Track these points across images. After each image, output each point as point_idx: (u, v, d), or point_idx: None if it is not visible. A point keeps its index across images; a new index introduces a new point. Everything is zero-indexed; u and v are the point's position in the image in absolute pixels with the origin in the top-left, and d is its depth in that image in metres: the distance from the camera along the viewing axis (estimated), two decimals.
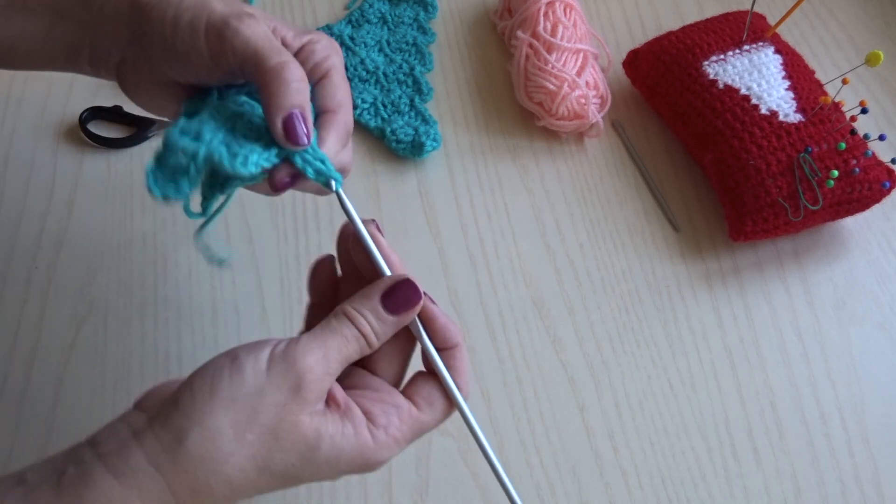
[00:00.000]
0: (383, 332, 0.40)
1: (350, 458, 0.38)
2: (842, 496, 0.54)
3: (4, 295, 0.59)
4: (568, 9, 0.70)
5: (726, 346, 0.60)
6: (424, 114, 0.69)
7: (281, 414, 0.37)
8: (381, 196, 0.66)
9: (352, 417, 0.39)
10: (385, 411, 0.40)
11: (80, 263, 0.61)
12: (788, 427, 0.57)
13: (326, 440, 0.37)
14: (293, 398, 0.37)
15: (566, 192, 0.67)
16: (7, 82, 0.70)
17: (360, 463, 0.39)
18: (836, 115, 0.62)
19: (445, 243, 0.63)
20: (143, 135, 0.67)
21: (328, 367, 0.38)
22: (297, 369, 0.37)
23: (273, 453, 0.37)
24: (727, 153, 0.62)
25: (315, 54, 0.43)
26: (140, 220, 0.63)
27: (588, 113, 0.67)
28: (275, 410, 0.37)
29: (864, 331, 0.61)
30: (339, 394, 0.39)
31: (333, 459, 0.38)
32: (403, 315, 0.40)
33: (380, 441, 0.39)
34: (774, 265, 0.64)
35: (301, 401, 0.37)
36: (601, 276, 0.63)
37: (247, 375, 0.37)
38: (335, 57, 0.43)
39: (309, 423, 0.37)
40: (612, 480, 0.54)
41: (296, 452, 0.37)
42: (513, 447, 0.55)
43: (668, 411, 0.57)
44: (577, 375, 0.58)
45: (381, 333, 0.40)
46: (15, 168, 0.65)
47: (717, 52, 0.66)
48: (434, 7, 0.77)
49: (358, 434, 0.38)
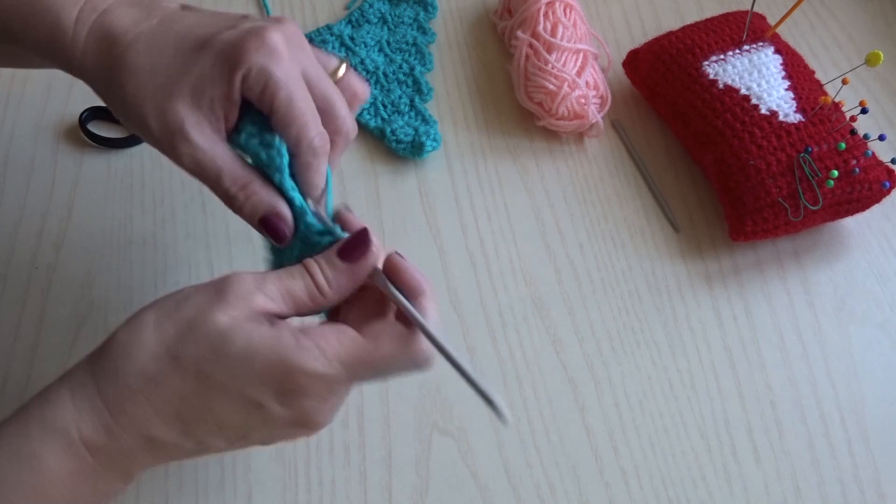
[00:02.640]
0: (335, 278, 0.40)
1: (266, 357, 0.37)
2: (842, 496, 0.54)
3: (4, 295, 0.59)
4: (568, 9, 0.70)
5: (726, 346, 0.60)
6: (424, 114, 0.69)
7: (200, 308, 0.38)
8: (381, 196, 0.66)
9: (279, 325, 0.38)
10: (322, 328, 0.39)
11: (80, 263, 0.61)
12: (788, 427, 0.57)
13: (241, 334, 0.37)
14: (214, 298, 0.38)
15: (566, 192, 0.67)
16: (7, 82, 0.70)
17: (277, 364, 0.37)
18: (836, 115, 0.62)
19: (445, 243, 0.63)
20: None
21: (262, 284, 0.39)
22: (228, 278, 0.39)
23: (185, 342, 0.37)
24: (727, 153, 0.62)
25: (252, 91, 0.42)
26: (140, 220, 0.63)
27: (588, 113, 0.67)
28: (195, 305, 0.38)
29: (864, 331, 0.61)
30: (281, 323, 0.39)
31: (248, 356, 0.37)
32: (356, 263, 0.40)
33: (303, 344, 0.38)
34: (774, 265, 0.64)
35: (221, 301, 0.38)
36: (601, 276, 0.63)
37: (186, 287, 0.39)
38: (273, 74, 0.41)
39: (224, 320, 0.37)
40: (612, 480, 0.54)
41: (207, 343, 0.37)
42: (513, 447, 0.55)
43: (668, 411, 0.57)
44: (577, 375, 0.58)
45: (333, 280, 0.40)
46: (15, 168, 0.65)
47: (717, 52, 0.66)
48: (434, 7, 0.77)
49: (279, 334, 0.38)
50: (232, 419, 0.39)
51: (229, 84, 0.41)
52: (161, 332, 0.38)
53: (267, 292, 0.39)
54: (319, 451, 0.54)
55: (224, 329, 0.37)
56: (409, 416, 0.56)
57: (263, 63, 0.40)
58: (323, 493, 0.53)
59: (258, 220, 0.42)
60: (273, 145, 0.42)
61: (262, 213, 0.42)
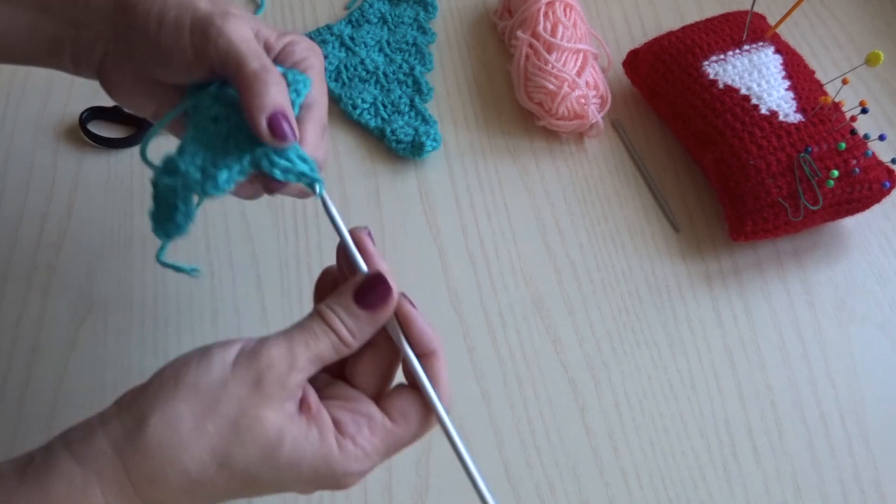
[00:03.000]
0: (358, 329, 0.39)
1: (313, 464, 0.37)
2: (842, 496, 0.54)
3: (4, 295, 0.59)
4: (568, 9, 0.70)
5: (726, 346, 0.60)
6: (424, 114, 0.69)
7: (243, 407, 0.36)
8: (381, 196, 0.66)
9: (319, 423, 0.38)
10: (355, 421, 0.39)
11: (80, 263, 0.61)
12: (788, 427, 0.57)
13: (288, 440, 0.37)
14: (255, 391, 0.36)
15: (566, 192, 0.67)
16: (7, 82, 0.70)
17: (324, 471, 0.38)
18: (836, 115, 0.62)
19: (445, 243, 0.63)
20: (143, 135, 0.67)
21: (294, 361, 0.37)
22: (260, 361, 0.37)
23: (233, 447, 0.36)
24: (727, 153, 0.62)
25: (294, 55, 0.44)
26: (140, 220, 0.63)
27: (588, 113, 0.67)
28: (237, 402, 0.36)
29: (864, 331, 0.61)
30: (312, 400, 0.38)
31: (295, 463, 0.37)
32: (376, 311, 0.39)
33: (346, 450, 0.38)
34: (774, 265, 0.64)
35: (263, 394, 0.36)
36: (601, 276, 0.63)
37: (213, 366, 0.36)
38: (314, 58, 0.44)
39: (272, 420, 0.36)
40: (612, 480, 0.54)
41: (256, 449, 0.36)
42: (513, 447, 0.55)
43: (668, 411, 0.57)
44: (577, 375, 0.58)
45: (356, 331, 0.39)
46: (15, 168, 0.65)
47: (717, 52, 0.66)
48: (434, 7, 0.77)
49: (323, 439, 0.37)
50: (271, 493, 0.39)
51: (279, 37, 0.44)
52: (203, 434, 0.36)
53: (299, 367, 0.37)
54: None
55: (272, 434, 0.36)
56: None
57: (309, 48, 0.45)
58: (323, 492, 0.53)
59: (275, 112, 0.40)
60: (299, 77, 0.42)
61: (283, 104, 0.40)
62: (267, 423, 0.36)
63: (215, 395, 0.36)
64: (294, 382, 0.37)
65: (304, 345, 0.38)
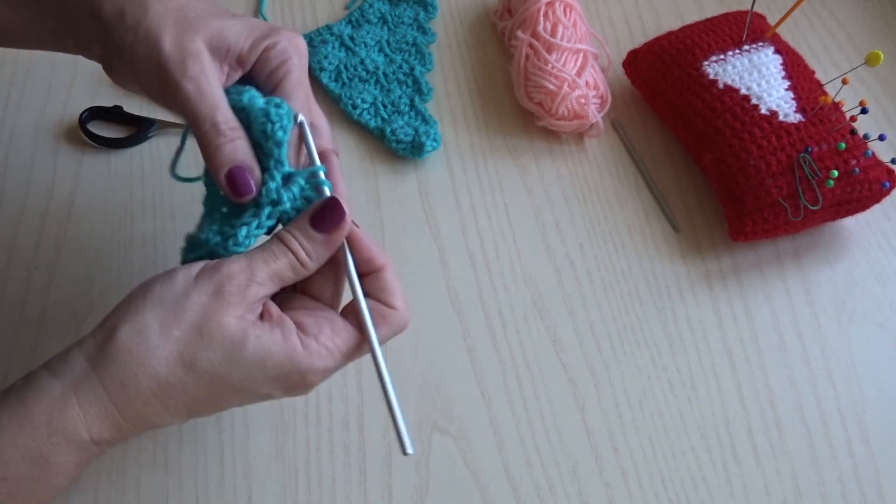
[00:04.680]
0: (314, 250, 0.41)
1: (278, 361, 0.39)
2: (842, 496, 0.54)
3: (4, 295, 0.59)
4: (568, 9, 0.70)
5: (726, 346, 0.60)
6: (424, 114, 0.69)
7: (205, 312, 0.39)
8: (381, 196, 0.66)
9: (282, 325, 0.40)
10: (317, 322, 0.41)
11: (80, 263, 0.61)
12: (788, 427, 0.57)
13: (252, 339, 0.39)
14: (216, 299, 0.39)
15: (566, 192, 0.67)
16: (7, 82, 0.70)
17: (289, 368, 0.40)
18: (836, 115, 0.62)
19: (445, 243, 0.63)
20: (143, 135, 0.67)
21: (252, 274, 0.40)
22: (221, 274, 0.39)
23: (198, 350, 0.38)
24: (727, 153, 0.62)
25: (270, 62, 0.44)
26: (140, 220, 0.63)
27: (588, 113, 0.67)
28: (199, 309, 0.39)
29: (864, 331, 0.61)
30: (273, 309, 0.41)
31: (260, 360, 0.39)
32: (332, 234, 0.41)
33: (309, 347, 0.40)
34: (774, 265, 0.64)
35: (223, 302, 0.39)
36: (601, 276, 0.63)
37: (177, 281, 0.39)
38: (293, 58, 0.44)
39: (234, 324, 0.39)
40: (612, 480, 0.54)
41: (221, 350, 0.39)
42: (513, 447, 0.55)
43: (668, 411, 0.57)
44: (577, 375, 0.58)
45: (313, 252, 0.41)
46: (15, 168, 0.65)
47: (717, 52, 0.66)
48: (434, 7, 0.77)
49: (286, 338, 0.40)
50: (237, 405, 0.42)
51: (252, 47, 0.43)
52: (169, 338, 0.38)
53: (258, 280, 0.40)
54: (319, 451, 0.54)
55: (235, 334, 0.39)
56: (409, 416, 0.56)
57: (289, 47, 0.44)
58: (323, 493, 0.53)
59: (232, 169, 0.42)
60: (281, 104, 0.42)
61: (239, 161, 0.42)
62: (229, 327, 0.39)
63: (179, 305, 0.39)
64: (253, 294, 0.40)
65: (263, 262, 0.40)
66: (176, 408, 0.39)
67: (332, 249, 0.42)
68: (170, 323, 0.38)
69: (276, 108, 0.42)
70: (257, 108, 0.42)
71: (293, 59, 0.44)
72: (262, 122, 0.42)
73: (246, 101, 0.42)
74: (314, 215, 0.41)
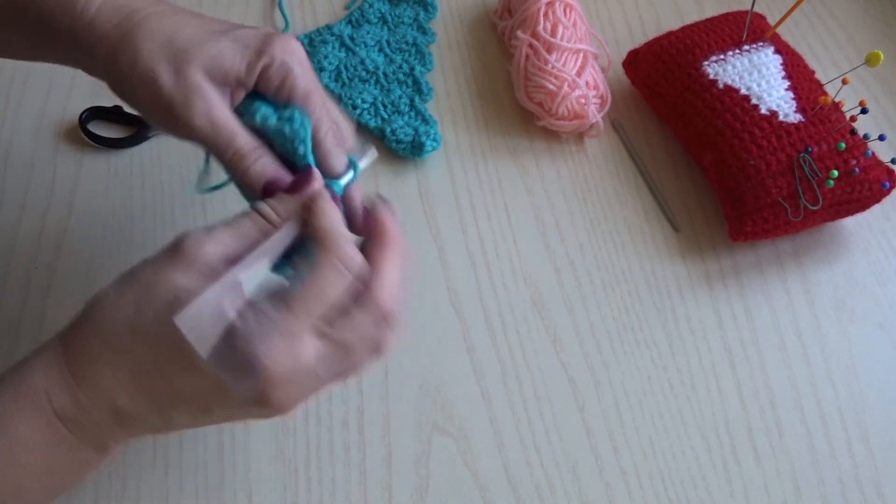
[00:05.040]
0: (282, 207, 0.41)
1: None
2: (842, 496, 0.54)
3: (4, 295, 0.59)
4: (568, 9, 0.70)
5: (726, 346, 0.60)
6: (424, 114, 0.69)
7: (155, 269, 0.38)
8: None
9: None
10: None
11: (80, 263, 0.61)
12: (788, 427, 0.57)
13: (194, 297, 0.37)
14: (169, 259, 0.38)
15: (566, 192, 0.67)
16: (7, 82, 0.70)
17: None
18: (836, 115, 0.62)
19: (445, 243, 0.63)
20: (143, 135, 0.67)
21: (211, 233, 0.39)
22: (179, 237, 0.39)
23: (143, 307, 0.37)
24: (727, 153, 0.62)
25: (271, 81, 0.44)
26: (140, 220, 0.63)
27: (588, 113, 0.67)
28: (151, 269, 0.38)
29: (864, 331, 0.61)
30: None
31: None
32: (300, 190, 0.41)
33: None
34: (774, 265, 0.64)
35: (174, 259, 0.38)
36: (601, 276, 0.63)
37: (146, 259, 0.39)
38: (293, 70, 0.44)
39: (182, 281, 0.37)
40: (612, 480, 0.54)
41: (162, 305, 0.37)
42: (513, 447, 0.55)
43: (668, 411, 0.57)
44: (577, 375, 0.58)
45: (280, 208, 0.41)
46: (15, 168, 0.65)
47: (717, 52, 0.66)
48: (434, 7, 0.77)
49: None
50: (190, 387, 0.39)
51: (249, 69, 0.43)
52: (120, 298, 0.38)
53: (216, 239, 0.39)
54: (319, 451, 0.54)
55: (178, 289, 0.37)
56: (409, 416, 0.56)
57: (286, 59, 0.43)
58: (323, 493, 0.53)
59: (265, 183, 0.43)
60: (294, 118, 0.43)
61: (269, 175, 0.43)
62: (173, 281, 0.37)
63: (137, 268, 0.39)
64: (210, 252, 0.38)
65: (226, 224, 0.40)
66: (124, 374, 0.38)
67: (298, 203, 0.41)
68: (124, 286, 0.38)
69: (289, 125, 0.43)
70: (273, 131, 0.43)
71: (294, 71, 0.43)
72: (281, 143, 0.43)
73: (260, 123, 0.43)
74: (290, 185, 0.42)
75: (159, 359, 0.38)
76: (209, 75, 0.42)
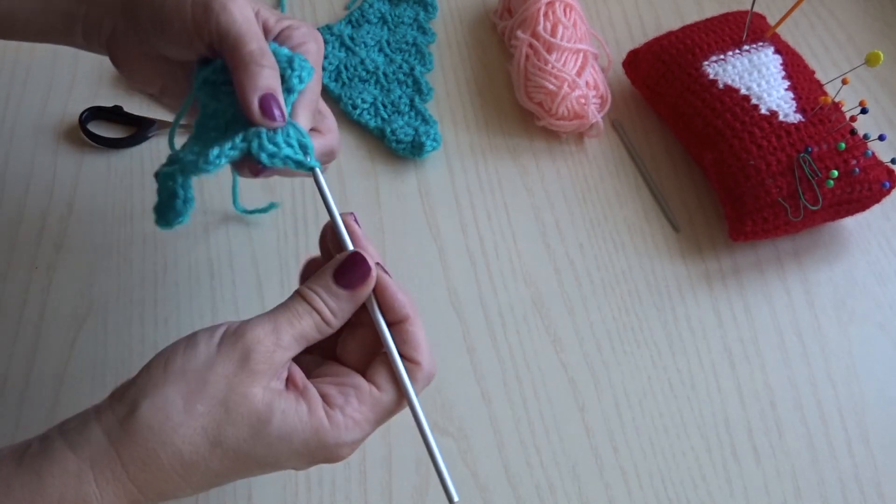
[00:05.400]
0: (339, 307, 0.40)
1: (304, 438, 0.38)
2: (842, 496, 0.54)
3: (4, 295, 0.59)
4: (568, 9, 0.70)
5: (726, 346, 0.60)
6: (424, 114, 0.69)
7: (231, 385, 0.37)
8: (381, 196, 0.66)
9: (307, 397, 0.39)
10: (343, 392, 0.39)
11: (80, 263, 0.61)
12: (788, 427, 0.57)
13: (278, 415, 0.37)
14: (242, 369, 0.37)
15: (566, 192, 0.67)
16: (7, 82, 0.70)
17: (315, 444, 0.38)
18: (836, 115, 0.62)
19: (445, 243, 0.63)
20: (143, 135, 0.67)
21: (278, 339, 0.38)
22: (245, 340, 0.38)
23: (223, 426, 0.37)
24: (727, 153, 0.62)
25: (292, 39, 0.44)
26: (140, 220, 0.63)
27: (588, 113, 0.67)
28: (225, 381, 0.37)
29: (864, 331, 0.61)
30: (298, 377, 0.39)
31: (286, 436, 0.38)
32: (356, 290, 0.40)
33: (336, 421, 0.39)
34: (774, 265, 0.64)
35: (250, 372, 0.37)
36: (601, 276, 0.63)
37: (199, 349, 0.38)
38: (311, 43, 0.45)
39: (261, 397, 0.37)
40: (612, 480, 0.54)
41: (246, 426, 0.37)
42: (513, 447, 0.55)
43: (668, 411, 0.57)
44: (577, 375, 0.58)
45: (337, 309, 0.40)
46: (15, 168, 0.65)
47: (717, 52, 0.66)
48: (434, 7, 0.77)
49: (312, 412, 0.38)
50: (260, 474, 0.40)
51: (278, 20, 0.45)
52: (193, 415, 0.36)
53: (284, 344, 0.38)
54: None
55: (261, 409, 0.37)
56: (410, 416, 0.55)
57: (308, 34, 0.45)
58: (323, 493, 0.53)
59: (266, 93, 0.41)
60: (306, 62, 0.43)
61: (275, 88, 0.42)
62: (255, 399, 0.37)
63: (203, 377, 0.37)
64: (280, 360, 0.38)
65: (288, 323, 0.39)
66: (198, 483, 0.38)
67: (356, 304, 0.40)
68: (193, 397, 0.36)
69: (299, 59, 0.43)
70: (282, 53, 0.43)
71: (311, 44, 0.44)
72: (284, 67, 0.43)
73: (273, 47, 0.43)
74: (337, 270, 0.40)
75: (238, 467, 0.38)
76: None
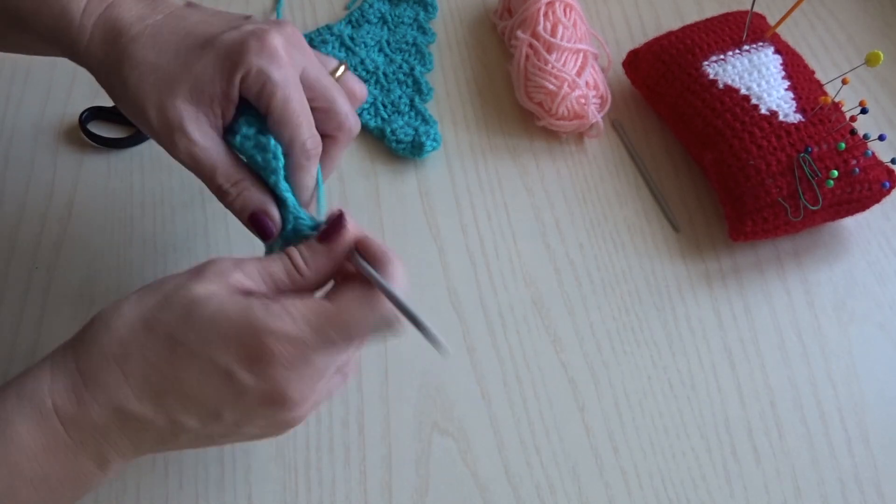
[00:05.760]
0: (312, 258, 0.41)
1: (233, 318, 0.38)
2: (842, 496, 0.54)
3: (4, 295, 0.59)
4: (568, 9, 0.70)
5: (726, 346, 0.60)
6: (424, 114, 0.69)
7: (178, 284, 0.39)
8: (381, 196, 0.66)
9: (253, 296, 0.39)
10: (289, 296, 0.40)
11: (80, 263, 0.61)
12: (788, 427, 0.57)
13: (213, 301, 0.38)
14: (193, 275, 0.39)
15: (566, 192, 0.67)
16: (7, 82, 0.70)
17: (244, 326, 0.38)
18: (836, 115, 0.62)
19: (445, 243, 0.63)
20: (143, 135, 0.67)
21: (240, 265, 0.40)
22: (208, 260, 0.40)
23: (159, 312, 0.38)
24: (727, 153, 0.62)
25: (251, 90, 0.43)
26: (140, 221, 0.63)
27: (588, 113, 0.67)
28: (174, 282, 0.39)
29: (864, 331, 0.61)
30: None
31: (214, 317, 0.38)
32: (332, 242, 0.41)
33: (270, 308, 0.38)
34: (774, 265, 0.64)
35: (199, 277, 0.39)
36: (601, 276, 0.63)
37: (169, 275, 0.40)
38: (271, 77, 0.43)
39: (202, 289, 0.39)
40: (612, 480, 0.54)
41: (180, 308, 0.38)
42: (513, 447, 0.55)
43: (668, 411, 0.57)
44: (577, 375, 0.58)
45: (311, 260, 0.41)
46: (15, 168, 0.65)
47: (717, 52, 0.66)
48: (434, 7, 0.77)
49: (249, 301, 0.38)
50: (201, 390, 0.39)
51: (228, 83, 0.43)
52: (140, 304, 0.39)
53: (245, 271, 0.40)
54: (319, 451, 0.54)
55: (197, 296, 0.38)
56: (409, 416, 0.56)
57: (263, 65, 0.42)
58: (323, 493, 0.53)
59: (247, 217, 0.44)
60: (268, 149, 0.43)
61: (251, 209, 0.44)
62: (195, 290, 0.39)
63: (160, 281, 0.40)
64: (235, 278, 0.39)
65: (257, 259, 0.41)
66: (134, 375, 0.38)
67: (333, 260, 0.42)
68: (145, 294, 0.39)
69: (262, 154, 0.44)
70: (248, 158, 0.44)
71: (271, 78, 0.42)
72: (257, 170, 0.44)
73: (239, 146, 0.44)
74: (321, 230, 0.42)
75: (171, 355, 0.38)
76: (194, 100, 0.43)
